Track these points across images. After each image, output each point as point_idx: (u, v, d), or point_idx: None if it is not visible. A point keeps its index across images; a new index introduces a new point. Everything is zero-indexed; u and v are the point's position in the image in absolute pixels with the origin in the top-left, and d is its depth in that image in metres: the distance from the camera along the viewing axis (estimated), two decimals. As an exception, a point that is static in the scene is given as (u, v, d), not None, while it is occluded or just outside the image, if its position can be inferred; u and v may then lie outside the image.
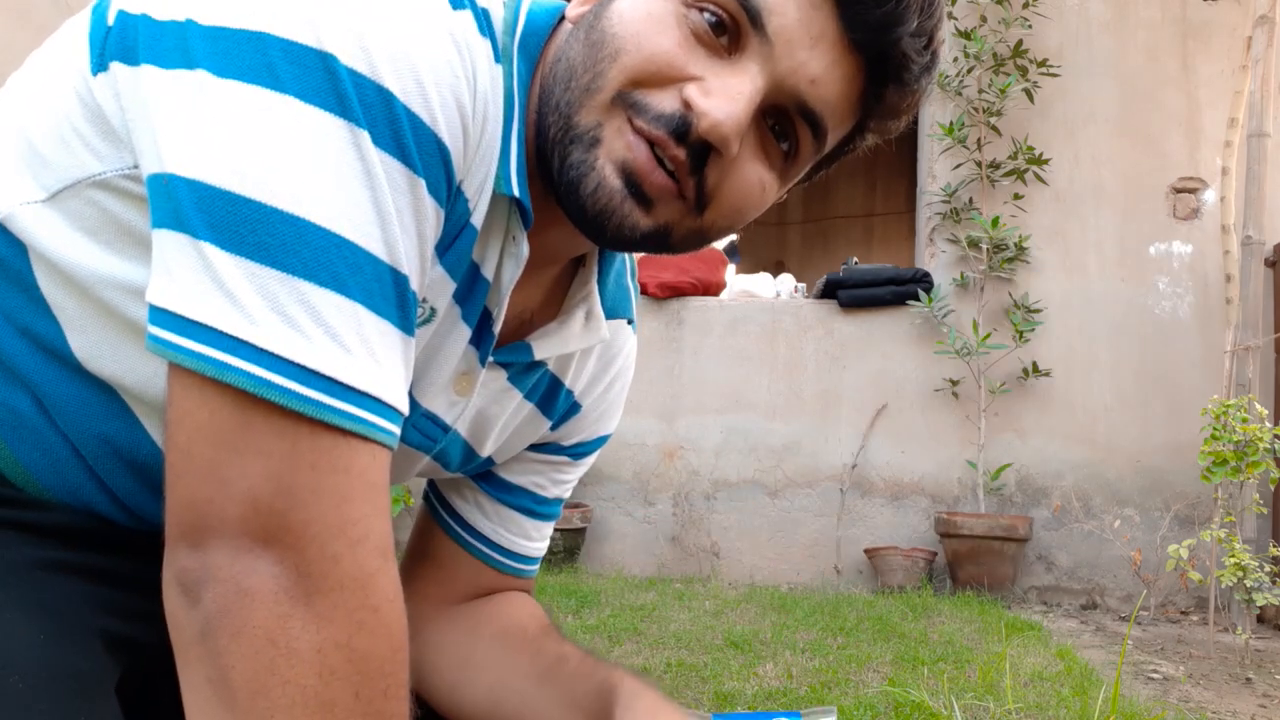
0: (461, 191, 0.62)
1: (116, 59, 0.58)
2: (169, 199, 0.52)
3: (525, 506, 0.89)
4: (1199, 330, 4.26)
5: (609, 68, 0.61)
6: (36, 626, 0.61)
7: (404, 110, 0.54)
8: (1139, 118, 4.44)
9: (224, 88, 0.52)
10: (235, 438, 0.51)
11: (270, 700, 0.50)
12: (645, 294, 4.63)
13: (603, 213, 0.62)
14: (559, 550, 4.25)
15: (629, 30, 0.61)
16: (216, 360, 0.50)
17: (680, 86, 0.61)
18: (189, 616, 0.52)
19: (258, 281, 0.50)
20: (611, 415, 0.92)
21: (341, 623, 0.52)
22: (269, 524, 0.51)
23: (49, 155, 0.61)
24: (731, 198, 0.65)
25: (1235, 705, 2.42)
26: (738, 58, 0.61)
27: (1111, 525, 4.17)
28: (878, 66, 0.63)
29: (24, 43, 3.29)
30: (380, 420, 0.54)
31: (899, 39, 0.61)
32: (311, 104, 0.52)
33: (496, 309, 0.70)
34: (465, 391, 0.75)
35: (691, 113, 0.60)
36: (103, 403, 0.64)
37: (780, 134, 0.65)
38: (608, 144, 0.62)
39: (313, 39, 0.53)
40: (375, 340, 0.54)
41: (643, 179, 0.61)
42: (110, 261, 0.60)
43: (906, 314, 4.43)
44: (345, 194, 0.52)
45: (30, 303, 0.63)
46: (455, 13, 0.59)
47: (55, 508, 0.68)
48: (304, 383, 0.51)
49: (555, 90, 0.63)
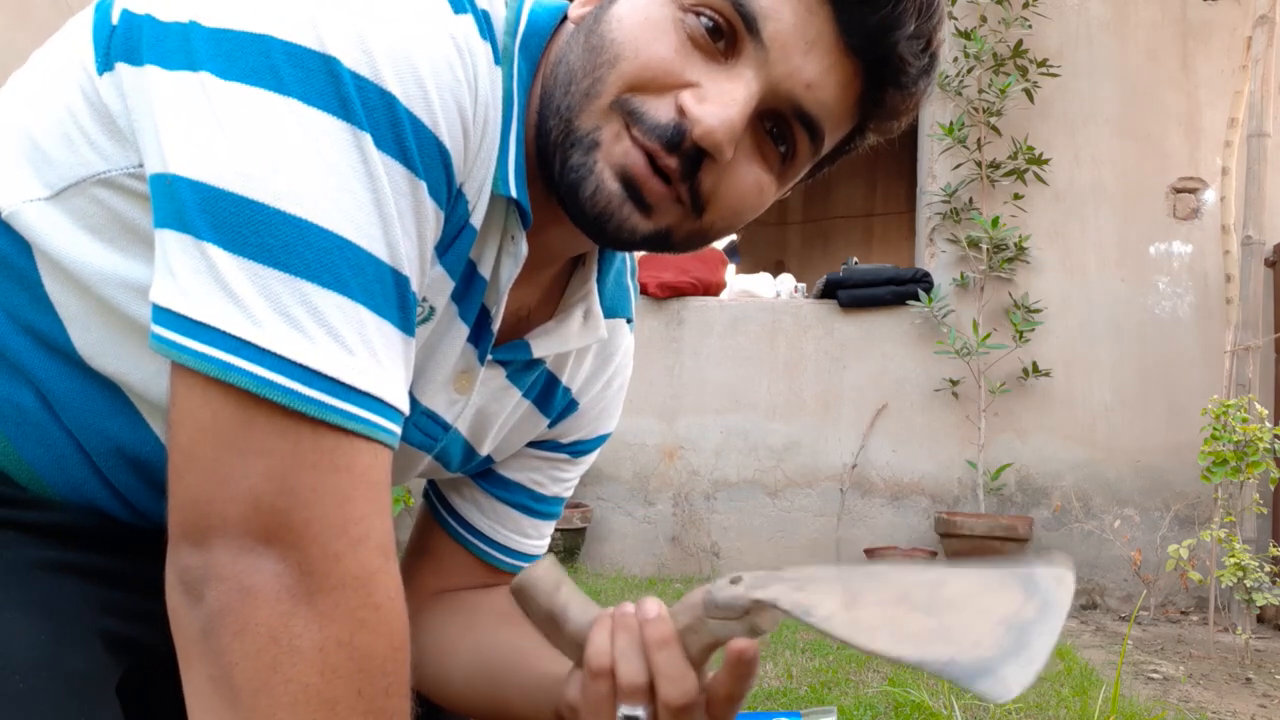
0: (461, 193, 0.62)
1: (121, 59, 0.58)
2: (172, 199, 0.52)
3: (522, 504, 0.90)
4: (1199, 330, 4.26)
5: (607, 73, 0.61)
6: (37, 627, 0.61)
7: (406, 113, 0.55)
8: (1139, 118, 4.44)
9: (227, 89, 0.52)
10: (237, 437, 0.51)
11: (273, 698, 0.51)
12: (645, 294, 4.64)
13: (602, 215, 0.63)
14: (559, 550, 4.25)
15: (627, 36, 0.62)
16: (219, 360, 0.50)
17: (676, 93, 0.61)
18: (191, 615, 0.52)
19: (260, 282, 0.51)
20: (610, 414, 0.93)
21: (343, 621, 0.52)
22: (271, 523, 0.51)
23: (53, 153, 0.61)
24: (729, 200, 0.65)
25: (1235, 705, 2.42)
26: (733, 63, 0.62)
27: (1111, 525, 4.17)
28: (876, 70, 0.63)
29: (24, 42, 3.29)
30: (382, 420, 0.54)
31: (896, 43, 0.62)
32: (314, 106, 0.52)
33: (495, 307, 0.71)
34: (465, 390, 0.75)
35: (686, 120, 0.60)
36: (106, 399, 0.65)
37: (778, 137, 0.65)
38: (606, 148, 0.62)
39: (315, 41, 0.53)
40: (377, 341, 0.54)
41: (640, 184, 0.62)
42: (114, 259, 0.61)
43: (906, 314, 4.44)
44: (347, 195, 0.53)
45: (34, 300, 0.63)
46: (457, 16, 0.59)
47: (57, 507, 0.68)
48: (306, 383, 0.51)
49: (556, 93, 0.64)
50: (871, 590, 0.55)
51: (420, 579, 0.90)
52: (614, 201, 0.62)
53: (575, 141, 0.62)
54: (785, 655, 2.63)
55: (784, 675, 2.40)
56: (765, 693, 2.19)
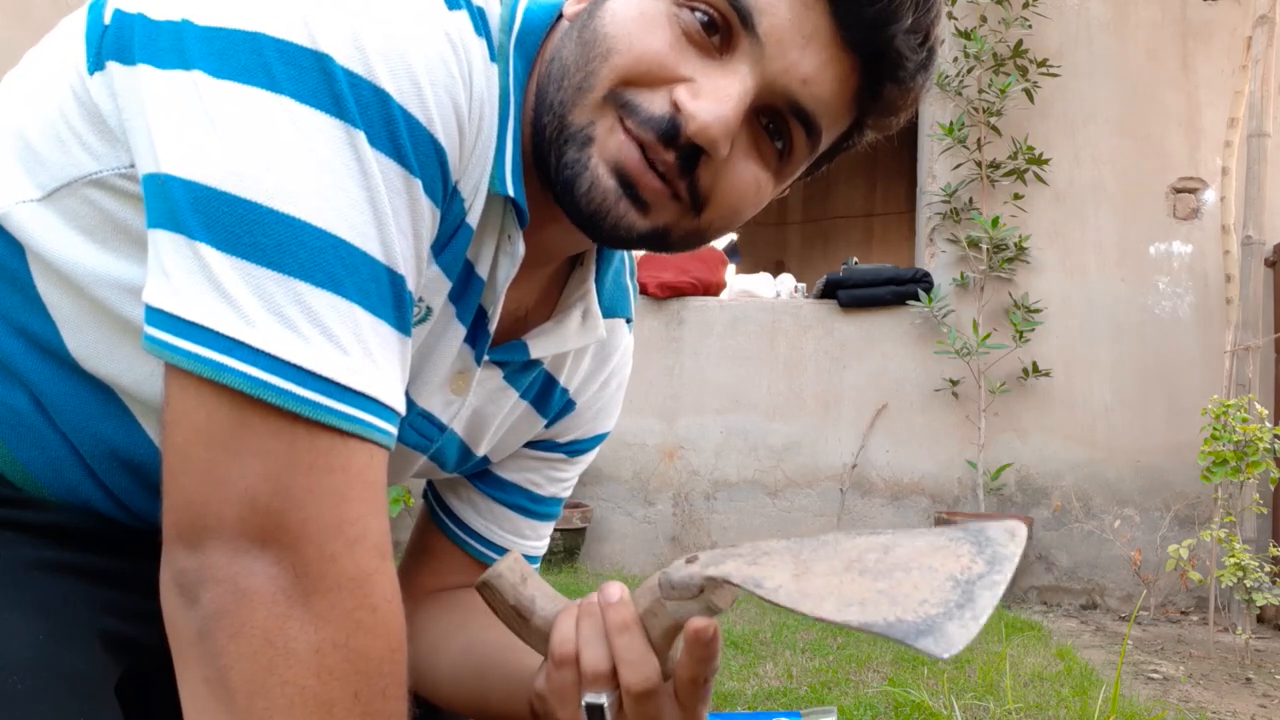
0: (457, 191, 0.62)
1: (113, 58, 0.58)
2: (165, 199, 0.52)
3: (519, 504, 0.89)
4: (1199, 330, 4.26)
5: (600, 67, 0.61)
6: (35, 627, 0.61)
7: (400, 110, 0.54)
8: (1139, 118, 4.44)
9: (220, 88, 0.52)
10: (232, 438, 0.51)
11: (269, 700, 0.50)
12: (645, 294, 4.63)
13: (598, 212, 0.62)
14: (559, 550, 4.25)
15: (621, 30, 0.61)
16: (213, 361, 0.50)
17: (671, 88, 0.61)
18: (186, 617, 0.52)
19: (254, 282, 0.50)
20: (608, 414, 0.92)
21: (339, 623, 0.52)
22: (266, 524, 0.51)
23: (45, 154, 0.61)
24: (727, 198, 0.65)
25: (1235, 705, 2.41)
26: (728, 58, 0.61)
27: (1111, 525, 4.17)
28: (873, 65, 0.63)
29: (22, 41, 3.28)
30: (377, 420, 0.54)
31: (893, 37, 0.61)
32: (307, 104, 0.52)
33: (492, 307, 0.70)
34: (461, 390, 0.75)
35: (681, 115, 0.60)
36: (100, 402, 0.64)
37: (774, 133, 0.65)
38: (600, 142, 0.62)
39: (308, 39, 0.53)
40: (372, 341, 0.54)
41: (636, 180, 0.62)
42: (106, 260, 0.60)
43: (906, 314, 4.43)
44: (341, 194, 0.52)
45: (27, 302, 0.63)
46: (451, 13, 0.59)
47: (53, 507, 0.68)
48: (301, 383, 0.51)
49: (550, 89, 0.63)
50: (823, 559, 0.55)
51: (418, 579, 0.90)
52: (610, 198, 0.62)
53: (569, 137, 0.62)
54: (785, 655, 2.63)
55: (784, 675, 2.40)
56: (765, 693, 2.19)
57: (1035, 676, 2.45)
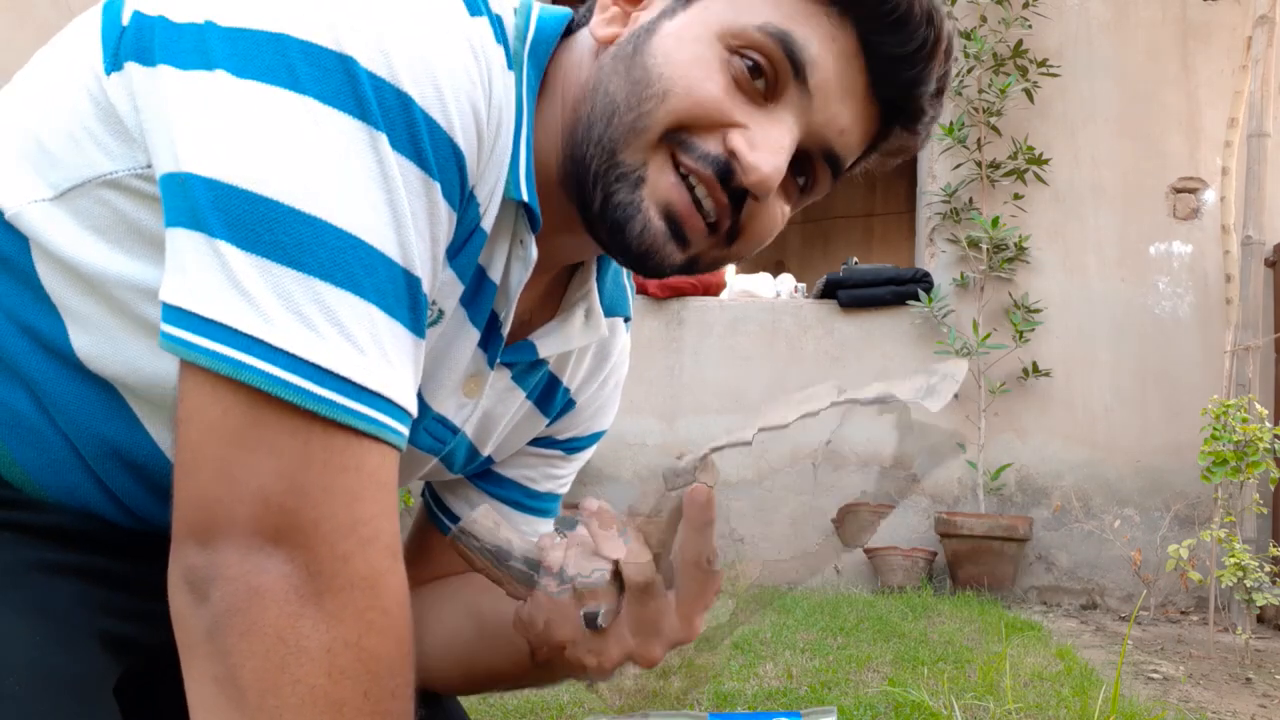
0: (474, 196, 0.62)
1: (132, 59, 0.58)
2: (185, 198, 0.52)
3: (514, 500, 0.90)
4: (1199, 330, 4.26)
5: (656, 108, 0.63)
6: (33, 629, 0.61)
7: (422, 115, 0.55)
8: (1139, 118, 4.44)
9: (243, 88, 0.52)
10: (247, 435, 0.51)
11: (280, 699, 0.50)
12: (645, 294, 4.64)
13: (648, 252, 0.66)
14: (559, 550, 4.25)
15: (676, 72, 0.63)
16: (230, 358, 0.50)
17: (724, 131, 0.64)
18: (196, 614, 0.52)
19: (273, 280, 0.50)
20: (606, 411, 0.93)
21: (351, 622, 0.52)
22: (280, 522, 0.51)
23: (58, 154, 0.61)
24: (757, 232, 0.70)
25: (1235, 705, 2.42)
26: (774, 107, 0.64)
27: (1111, 525, 4.18)
28: (892, 114, 0.68)
29: (24, 41, 3.29)
30: (391, 421, 0.54)
31: (920, 96, 0.66)
32: (330, 106, 0.52)
33: (504, 311, 0.71)
34: (474, 393, 0.75)
35: (737, 162, 0.63)
36: (103, 402, 0.64)
37: (797, 170, 0.69)
38: (652, 183, 0.64)
39: (332, 41, 0.53)
40: (388, 341, 0.54)
41: (684, 222, 0.65)
42: (119, 260, 0.60)
43: (906, 314, 4.44)
44: (362, 196, 0.53)
45: (34, 300, 0.62)
46: (472, 19, 0.59)
47: (52, 508, 0.68)
48: (318, 382, 0.51)
49: (596, 124, 0.65)
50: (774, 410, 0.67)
51: (414, 574, 0.90)
52: (659, 239, 0.65)
53: (621, 176, 0.64)
54: (785, 655, 2.63)
55: (784, 675, 2.40)
56: (765, 693, 2.19)
57: (1035, 676, 2.45)
